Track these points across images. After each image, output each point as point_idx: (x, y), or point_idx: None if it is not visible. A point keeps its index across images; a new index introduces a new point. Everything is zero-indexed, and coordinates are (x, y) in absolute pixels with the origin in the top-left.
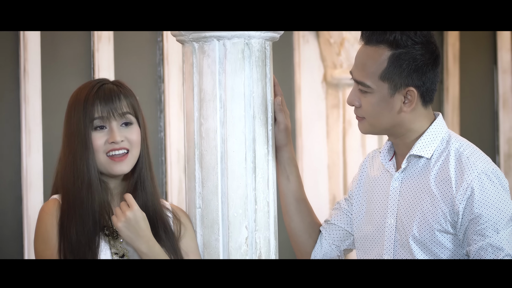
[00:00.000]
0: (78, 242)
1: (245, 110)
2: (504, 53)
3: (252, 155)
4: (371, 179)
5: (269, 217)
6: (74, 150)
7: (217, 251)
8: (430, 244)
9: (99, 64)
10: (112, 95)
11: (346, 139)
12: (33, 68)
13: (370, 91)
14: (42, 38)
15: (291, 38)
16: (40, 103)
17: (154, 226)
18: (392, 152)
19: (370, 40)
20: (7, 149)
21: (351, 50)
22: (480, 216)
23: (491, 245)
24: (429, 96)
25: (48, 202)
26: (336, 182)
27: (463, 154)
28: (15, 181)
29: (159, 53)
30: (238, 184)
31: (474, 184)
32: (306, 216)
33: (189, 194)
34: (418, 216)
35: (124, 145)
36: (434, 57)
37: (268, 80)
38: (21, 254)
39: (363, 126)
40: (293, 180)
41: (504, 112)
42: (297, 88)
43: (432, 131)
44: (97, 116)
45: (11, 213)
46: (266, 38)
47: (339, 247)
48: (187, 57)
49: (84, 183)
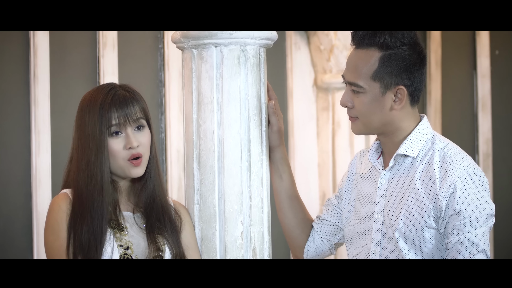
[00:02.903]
0: (88, 241)
1: (241, 112)
2: (483, 59)
3: (247, 155)
4: (359, 176)
5: (263, 213)
6: (88, 154)
7: (214, 244)
8: (415, 238)
9: (104, 69)
10: (126, 101)
11: (335, 140)
12: (42, 73)
13: (362, 91)
14: (51, 44)
15: (283, 45)
16: (49, 105)
17: (160, 220)
18: (379, 151)
19: (361, 43)
20: (18, 149)
21: (340, 56)
22: (461, 212)
23: (469, 240)
24: (416, 95)
25: (58, 195)
26: (326, 180)
27: (447, 153)
28: (25, 179)
29: (160, 59)
30: (234, 182)
31: (457, 182)
32: (299, 212)
33: (188, 191)
34: (404, 212)
35: (140, 150)
36: (421, 58)
37: (262, 84)
38: (30, 247)
39: (356, 126)
40: (286, 179)
41: (483, 114)
42: (289, 92)
43: (418, 131)
44: (114, 123)
45: (21, 209)
46: (260, 45)
47: (330, 241)
48: (186, 62)
49: (96, 186)
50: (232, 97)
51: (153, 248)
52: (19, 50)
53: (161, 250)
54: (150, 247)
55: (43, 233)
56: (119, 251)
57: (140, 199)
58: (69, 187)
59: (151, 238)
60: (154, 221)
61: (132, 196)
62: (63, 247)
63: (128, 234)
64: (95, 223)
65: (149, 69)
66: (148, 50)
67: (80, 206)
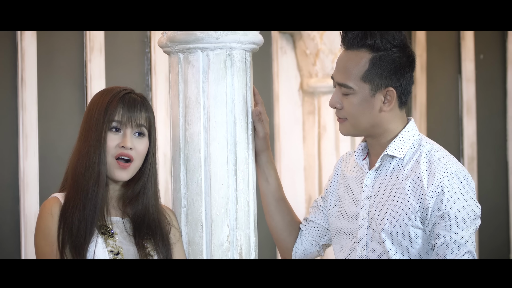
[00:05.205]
0: (78, 229)
1: (227, 116)
2: (468, 63)
3: (234, 158)
4: (345, 177)
5: (249, 216)
6: (89, 143)
7: (201, 247)
8: (401, 238)
9: (92, 73)
10: (136, 105)
11: (321, 143)
12: (30, 78)
13: (352, 92)
14: (38, 48)
15: (270, 50)
16: (36, 110)
17: (154, 234)
18: (366, 152)
19: (352, 45)
20: (6, 152)
21: (326, 60)
22: (448, 213)
23: (456, 240)
24: (405, 97)
25: (49, 200)
26: (312, 183)
27: (434, 155)
28: (13, 182)
29: (147, 64)
30: (220, 185)
31: (444, 183)
32: (286, 215)
33: (174, 194)
34: (390, 212)
35: (131, 153)
36: (411, 60)
37: (249, 88)
38: (18, 251)
39: (345, 128)
40: (272, 182)
41: (468, 118)
42: (275, 96)
43: (405, 133)
44: (117, 119)
45: (9, 213)
46: (246, 49)
47: (318, 242)
48: (173, 67)
49: (93, 174)
50: (219, 101)
51: (143, 254)
52: (7, 54)
53: (151, 256)
54: (140, 253)
55: (34, 237)
56: (109, 256)
57: (129, 209)
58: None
59: (139, 244)
60: (145, 230)
61: (121, 203)
62: (54, 252)
63: (117, 240)
64: (87, 212)
65: (136, 73)
66: (135, 54)
67: (75, 194)
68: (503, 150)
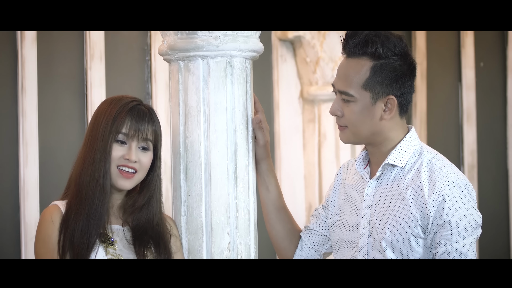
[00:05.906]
0: (81, 237)
1: (227, 124)
2: (468, 71)
3: (234, 166)
4: (346, 185)
5: (249, 224)
6: (95, 153)
7: (201, 256)
8: (402, 247)
9: (92, 81)
10: (144, 117)
11: (321, 151)
12: (30, 85)
13: (353, 100)
14: (39, 56)
15: (270, 57)
16: (37, 117)
17: (157, 246)
18: (366, 161)
19: (353, 52)
20: (6, 160)
21: (326, 68)
22: (449, 222)
23: (457, 249)
24: (405, 105)
25: (49, 207)
26: (312, 191)
27: (435, 164)
28: (13, 190)
29: (147, 71)
30: (220, 193)
31: (445, 192)
32: (287, 223)
33: (175, 202)
34: (391, 221)
35: (135, 166)
36: (411, 69)
37: (249, 96)
38: (18, 258)
39: (345, 136)
40: (273, 190)
41: (468, 126)
42: (275, 103)
43: (406, 142)
44: (124, 131)
45: (9, 220)
46: (246, 57)
47: (318, 251)
48: (173, 75)
49: (99, 185)
50: (219, 109)
51: None
52: (7, 62)
53: None
54: None
55: (34, 245)
56: None
57: (130, 218)
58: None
59: (140, 252)
60: (146, 239)
61: (122, 212)
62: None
63: (117, 248)
64: (91, 221)
65: (136, 81)
66: (135, 62)
67: (79, 203)
68: (503, 157)
